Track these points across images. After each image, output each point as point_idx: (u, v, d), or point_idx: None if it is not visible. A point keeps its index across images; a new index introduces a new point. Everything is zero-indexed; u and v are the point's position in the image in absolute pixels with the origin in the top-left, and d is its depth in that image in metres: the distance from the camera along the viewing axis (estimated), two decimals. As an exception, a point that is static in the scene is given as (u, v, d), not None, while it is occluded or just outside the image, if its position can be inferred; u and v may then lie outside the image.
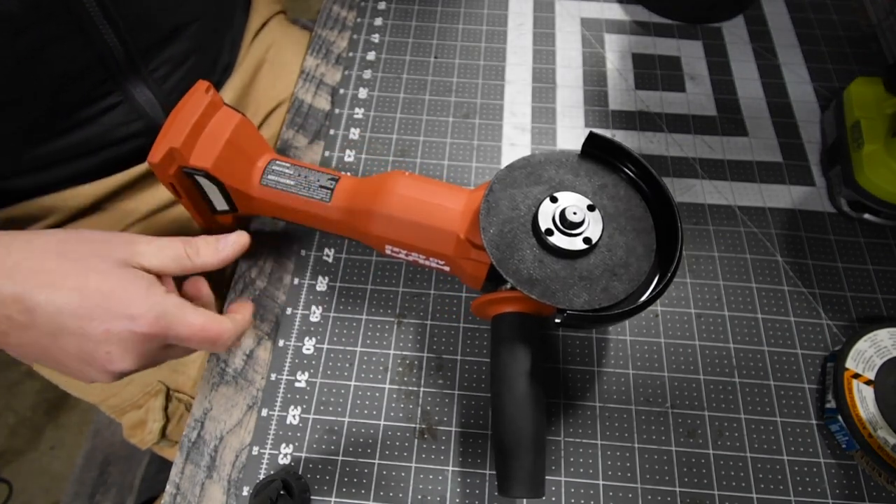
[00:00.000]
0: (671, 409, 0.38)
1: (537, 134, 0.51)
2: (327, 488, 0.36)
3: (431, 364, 0.40)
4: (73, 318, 0.28)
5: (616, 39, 0.57)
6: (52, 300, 0.28)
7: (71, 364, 0.30)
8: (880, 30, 0.57)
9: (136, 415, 0.52)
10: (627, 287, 0.31)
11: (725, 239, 0.45)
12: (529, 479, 0.31)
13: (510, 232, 0.33)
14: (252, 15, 0.58)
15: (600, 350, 0.41)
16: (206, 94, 0.38)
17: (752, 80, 0.54)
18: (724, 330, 0.41)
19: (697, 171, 0.48)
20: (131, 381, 0.51)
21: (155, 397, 0.51)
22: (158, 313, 0.29)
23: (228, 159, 0.38)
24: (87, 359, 0.29)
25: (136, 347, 0.29)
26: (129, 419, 0.53)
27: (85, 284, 0.29)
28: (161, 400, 0.51)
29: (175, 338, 0.31)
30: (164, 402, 0.51)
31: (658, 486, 0.36)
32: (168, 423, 0.52)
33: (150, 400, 0.52)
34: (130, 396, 0.52)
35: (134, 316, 0.29)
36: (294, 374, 0.40)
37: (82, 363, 0.29)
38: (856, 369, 0.37)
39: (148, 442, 0.52)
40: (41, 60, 0.39)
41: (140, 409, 0.52)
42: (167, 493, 0.37)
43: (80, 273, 0.29)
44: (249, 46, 0.57)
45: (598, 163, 0.35)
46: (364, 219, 0.38)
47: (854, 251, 0.44)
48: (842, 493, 0.36)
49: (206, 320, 0.31)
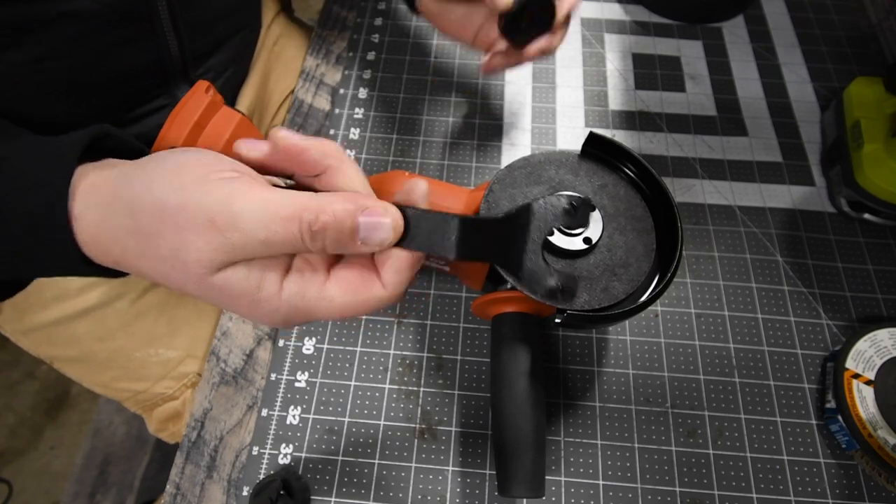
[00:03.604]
0: (671, 409, 0.38)
1: (537, 134, 0.51)
2: (327, 488, 0.36)
3: (431, 364, 0.40)
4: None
5: (616, 39, 0.57)
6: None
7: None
8: (880, 30, 0.57)
9: (170, 406, 0.51)
10: (627, 287, 0.31)
11: (725, 239, 0.45)
12: (529, 478, 0.31)
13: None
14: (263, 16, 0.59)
15: (600, 350, 0.41)
16: (206, 94, 0.38)
17: (752, 80, 0.54)
18: (724, 330, 0.41)
19: (697, 171, 0.48)
20: (166, 375, 0.50)
21: (192, 388, 0.51)
22: (283, 319, 0.25)
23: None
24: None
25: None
26: (162, 413, 0.52)
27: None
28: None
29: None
30: None
31: (658, 486, 0.36)
32: None
33: (186, 391, 0.51)
34: (165, 389, 0.51)
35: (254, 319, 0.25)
36: (294, 374, 0.40)
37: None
38: (856, 369, 0.37)
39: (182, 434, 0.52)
40: (109, 59, 0.40)
41: (176, 401, 0.51)
42: (167, 493, 0.37)
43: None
44: (261, 47, 0.58)
45: (598, 163, 0.35)
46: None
47: (854, 251, 0.44)
48: (842, 493, 0.36)
49: (345, 306, 0.24)
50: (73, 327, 0.48)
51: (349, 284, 0.25)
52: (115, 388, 0.52)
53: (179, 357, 0.50)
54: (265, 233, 0.22)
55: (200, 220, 0.22)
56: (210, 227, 0.22)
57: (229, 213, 0.22)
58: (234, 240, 0.22)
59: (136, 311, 0.49)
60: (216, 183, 0.23)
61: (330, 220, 0.23)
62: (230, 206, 0.22)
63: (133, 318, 0.49)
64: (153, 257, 0.23)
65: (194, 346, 0.50)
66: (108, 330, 0.49)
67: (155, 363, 0.50)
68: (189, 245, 0.22)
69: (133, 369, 0.50)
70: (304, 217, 0.23)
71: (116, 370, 0.50)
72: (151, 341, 0.49)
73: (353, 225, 0.23)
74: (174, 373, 0.50)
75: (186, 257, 0.23)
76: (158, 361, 0.50)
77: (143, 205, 0.23)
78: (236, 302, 0.24)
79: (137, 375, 0.50)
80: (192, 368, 0.51)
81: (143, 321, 0.49)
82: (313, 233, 0.23)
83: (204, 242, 0.22)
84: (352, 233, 0.23)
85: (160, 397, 0.51)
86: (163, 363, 0.50)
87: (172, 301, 0.50)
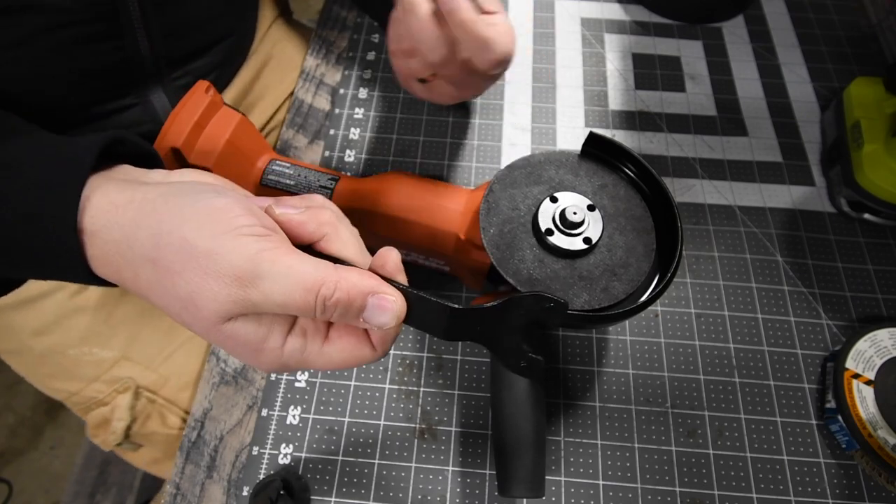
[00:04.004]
0: (671, 409, 0.38)
1: (537, 134, 0.51)
2: (327, 488, 0.36)
3: (431, 364, 0.40)
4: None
5: (616, 39, 0.57)
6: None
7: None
8: (880, 30, 0.57)
9: (100, 412, 0.49)
10: (627, 287, 0.31)
11: (725, 239, 0.45)
12: (529, 478, 0.31)
13: (510, 232, 0.33)
14: (259, 21, 0.58)
15: (600, 350, 0.41)
16: (206, 94, 0.38)
17: (752, 80, 0.54)
18: (724, 330, 0.41)
19: (697, 171, 0.48)
20: (98, 377, 0.48)
21: (122, 394, 0.48)
22: (279, 368, 0.27)
23: (228, 159, 0.38)
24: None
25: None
26: (94, 417, 0.49)
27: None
28: (129, 398, 0.48)
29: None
30: (132, 400, 0.48)
31: (658, 486, 0.36)
32: (133, 423, 0.48)
33: (116, 397, 0.48)
34: (96, 393, 0.48)
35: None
36: (294, 374, 0.40)
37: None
38: (856, 369, 0.37)
39: (111, 443, 0.49)
40: (74, 55, 0.40)
41: (106, 407, 0.48)
42: (167, 493, 0.37)
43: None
44: (259, 50, 0.57)
45: (598, 163, 0.35)
46: (364, 219, 0.38)
47: (854, 251, 0.44)
48: (842, 493, 0.36)
49: (341, 363, 0.27)
50: (9, 317, 0.47)
51: (346, 346, 0.27)
52: (52, 388, 0.50)
53: (114, 358, 0.48)
54: (284, 298, 0.24)
55: (226, 271, 0.23)
56: (234, 282, 0.23)
57: (255, 273, 0.23)
58: (254, 297, 0.24)
59: (74, 306, 0.47)
60: (247, 239, 0.24)
61: (344, 297, 0.25)
62: (257, 266, 0.24)
63: (71, 313, 0.47)
64: (166, 292, 0.24)
65: (130, 349, 0.48)
66: (45, 323, 0.47)
67: (88, 362, 0.48)
68: (208, 292, 0.23)
69: (67, 367, 0.48)
70: (322, 291, 0.24)
71: (52, 366, 0.49)
72: (86, 339, 0.48)
73: (362, 305, 0.25)
74: (106, 376, 0.48)
75: (202, 303, 0.24)
76: (92, 361, 0.48)
77: (170, 240, 0.24)
78: (239, 349, 0.25)
79: (71, 374, 0.48)
80: (126, 373, 0.48)
81: (81, 317, 0.47)
82: (326, 307, 0.25)
83: (224, 293, 0.23)
84: (359, 311, 0.25)
85: (93, 401, 0.49)
86: (96, 363, 0.48)
87: (113, 298, 0.48)
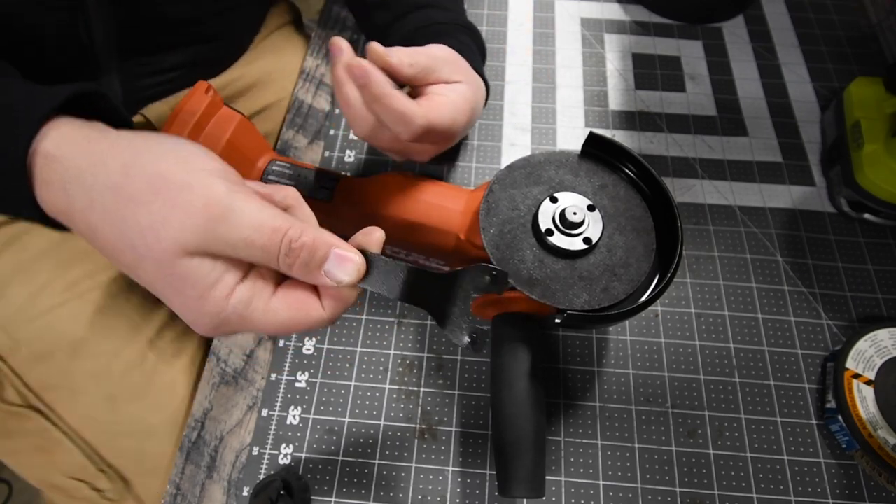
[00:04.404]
0: (671, 409, 0.38)
1: (537, 134, 0.51)
2: (327, 488, 0.36)
3: (431, 364, 0.40)
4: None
5: (616, 39, 0.57)
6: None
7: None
8: (880, 30, 0.57)
9: None
10: (627, 287, 0.31)
11: (725, 239, 0.45)
12: (529, 478, 0.31)
13: (510, 232, 0.33)
14: (262, 30, 0.58)
15: (600, 350, 0.41)
16: (206, 94, 0.38)
17: (752, 80, 0.54)
18: (724, 330, 0.41)
19: (697, 171, 0.48)
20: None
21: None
22: (217, 325, 0.25)
23: (228, 159, 0.37)
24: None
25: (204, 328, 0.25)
26: None
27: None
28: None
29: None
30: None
31: (658, 486, 0.36)
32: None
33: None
34: None
35: (186, 321, 0.26)
36: (294, 374, 0.40)
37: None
38: (856, 369, 0.37)
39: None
40: (22, 20, 0.38)
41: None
42: (167, 493, 0.37)
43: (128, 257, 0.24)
44: (260, 50, 0.57)
45: (598, 163, 0.35)
46: (364, 219, 0.38)
47: (854, 251, 0.44)
48: (842, 493, 0.36)
49: (286, 321, 0.26)
50: None
51: (294, 302, 0.26)
52: None
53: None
54: (251, 233, 0.24)
55: (197, 203, 0.23)
56: (202, 211, 0.23)
57: (227, 206, 0.24)
58: (220, 231, 0.23)
59: None
60: (222, 181, 0.24)
61: (309, 242, 0.25)
62: (231, 201, 0.24)
63: None
64: (123, 221, 0.24)
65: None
66: None
67: None
68: (175, 222, 0.23)
69: None
70: (290, 233, 0.24)
71: None
72: None
73: (325, 255, 0.25)
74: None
75: (165, 232, 0.23)
76: None
77: (142, 171, 0.24)
78: (184, 293, 0.24)
79: None
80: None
81: None
82: (292, 249, 0.24)
83: (191, 223, 0.23)
84: (321, 261, 0.25)
85: None
86: None
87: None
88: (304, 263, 0.25)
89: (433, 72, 0.37)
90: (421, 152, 0.39)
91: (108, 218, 0.24)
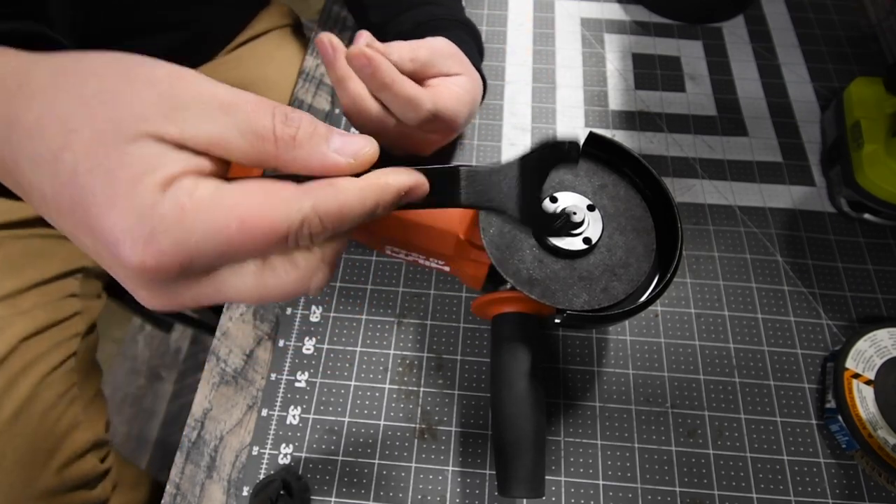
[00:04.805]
0: (671, 409, 0.38)
1: (537, 134, 0.51)
2: (327, 488, 0.36)
3: (431, 364, 0.40)
4: (54, 218, 0.20)
5: (616, 39, 0.57)
6: (36, 185, 0.20)
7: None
8: (880, 30, 0.57)
9: None
10: (627, 287, 0.31)
11: (725, 239, 0.45)
12: (529, 478, 0.31)
13: (510, 232, 0.33)
14: (257, 22, 0.57)
15: (600, 350, 0.41)
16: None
17: (752, 80, 0.54)
18: (724, 330, 0.41)
19: (697, 171, 0.48)
20: None
21: None
22: (149, 232, 0.18)
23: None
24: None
25: (144, 286, 0.19)
26: None
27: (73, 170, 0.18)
28: None
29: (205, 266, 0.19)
30: None
31: (658, 486, 0.36)
32: None
33: None
34: None
35: (110, 242, 0.18)
36: (294, 374, 0.40)
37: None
38: (856, 369, 0.37)
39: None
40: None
41: None
42: (167, 493, 0.37)
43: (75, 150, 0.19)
44: (258, 49, 0.56)
45: (598, 163, 0.35)
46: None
47: (854, 251, 0.44)
48: (842, 493, 0.36)
49: (245, 215, 0.19)
50: None
51: (257, 186, 0.19)
52: None
53: None
54: (232, 98, 0.19)
55: (161, 72, 0.19)
56: (166, 80, 0.19)
57: (199, 77, 0.19)
58: (186, 98, 0.19)
59: None
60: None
61: (306, 117, 0.20)
62: (204, 78, 0.20)
63: None
64: (68, 101, 0.19)
65: None
66: None
67: None
68: (134, 95, 0.18)
69: None
70: (281, 109, 0.20)
71: None
72: None
73: (326, 131, 0.20)
74: None
75: (122, 109, 0.18)
76: None
77: (89, 56, 0.20)
78: (114, 182, 0.18)
79: None
80: None
81: None
82: (288, 117, 0.19)
83: (154, 94, 0.18)
84: (325, 137, 0.20)
85: None
86: None
87: None
88: (308, 135, 0.19)
89: (434, 65, 0.37)
90: (426, 144, 0.39)
91: (46, 110, 0.19)
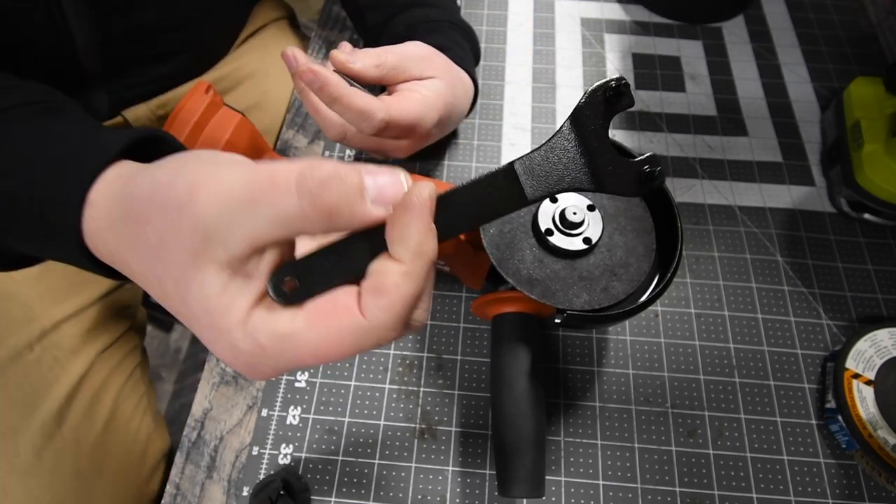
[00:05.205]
0: (671, 409, 0.38)
1: (537, 134, 0.50)
2: (327, 488, 0.36)
3: (431, 364, 0.40)
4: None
5: (616, 39, 0.57)
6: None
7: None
8: (880, 30, 0.57)
9: None
10: (627, 287, 0.32)
11: (725, 239, 0.45)
12: (530, 478, 0.31)
13: (510, 232, 0.33)
14: (254, 19, 0.57)
15: (600, 350, 0.41)
16: (206, 94, 0.38)
17: (752, 80, 0.54)
18: (724, 330, 0.41)
19: (697, 171, 0.48)
20: None
21: None
22: (248, 362, 0.21)
23: (228, 159, 0.38)
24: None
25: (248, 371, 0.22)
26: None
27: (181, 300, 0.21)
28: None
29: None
30: None
31: (658, 486, 0.36)
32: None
33: None
34: None
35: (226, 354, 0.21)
36: (294, 374, 0.40)
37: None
38: (856, 369, 0.37)
39: None
40: (11, 42, 0.37)
41: None
42: (167, 493, 0.37)
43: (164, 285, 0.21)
44: (257, 49, 0.56)
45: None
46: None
47: (854, 251, 0.44)
48: (842, 493, 0.36)
49: (314, 346, 0.20)
50: None
51: (316, 313, 0.20)
52: None
53: None
54: (245, 191, 0.19)
55: (183, 190, 0.19)
56: (189, 195, 0.19)
57: (214, 174, 0.20)
58: (230, 217, 0.19)
59: None
60: (231, 165, 0.21)
61: (332, 172, 0.19)
62: (217, 170, 0.20)
63: None
64: (141, 245, 0.21)
65: None
66: None
67: None
68: (173, 226, 0.20)
69: None
70: (306, 172, 0.19)
71: None
72: None
73: (359, 180, 0.19)
74: None
75: (171, 243, 0.20)
76: None
77: (141, 188, 0.22)
78: (200, 322, 0.21)
79: None
80: None
81: None
82: (321, 182, 0.19)
83: (187, 220, 0.19)
84: (359, 189, 0.19)
85: None
86: None
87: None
88: (342, 195, 0.19)
89: (404, 70, 0.38)
90: (395, 149, 0.39)
91: (130, 249, 0.22)
